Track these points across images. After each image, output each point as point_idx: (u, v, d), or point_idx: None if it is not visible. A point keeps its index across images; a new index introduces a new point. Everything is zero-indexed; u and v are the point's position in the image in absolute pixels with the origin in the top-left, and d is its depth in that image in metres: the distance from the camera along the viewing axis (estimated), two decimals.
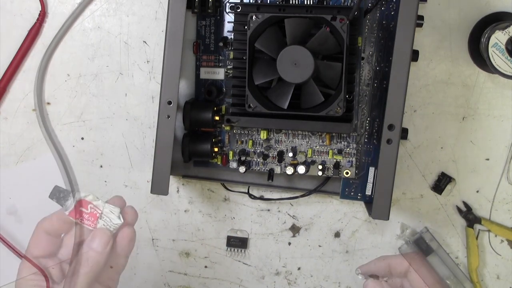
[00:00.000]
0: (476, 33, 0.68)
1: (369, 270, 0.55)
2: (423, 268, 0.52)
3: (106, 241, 0.52)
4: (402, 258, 0.54)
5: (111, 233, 0.54)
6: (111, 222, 0.54)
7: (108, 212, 0.54)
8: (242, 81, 0.62)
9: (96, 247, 0.52)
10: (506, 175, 0.71)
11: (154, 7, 0.71)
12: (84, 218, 0.54)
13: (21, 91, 0.74)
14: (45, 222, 0.55)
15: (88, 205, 0.54)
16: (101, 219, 0.54)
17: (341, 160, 0.67)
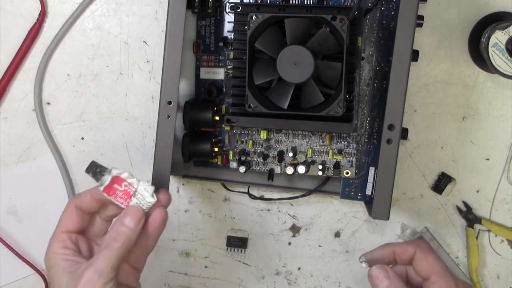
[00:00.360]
0: (476, 33, 0.68)
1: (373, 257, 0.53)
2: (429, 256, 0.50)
3: (138, 218, 0.52)
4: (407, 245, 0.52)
5: (144, 211, 0.53)
6: (144, 200, 0.53)
7: (142, 190, 0.54)
8: (242, 81, 0.62)
9: (128, 223, 0.52)
10: (506, 175, 0.71)
11: (154, 7, 0.71)
12: (118, 196, 0.54)
13: (21, 91, 0.74)
14: (78, 198, 0.55)
15: (123, 182, 0.54)
16: (134, 197, 0.53)
17: (341, 160, 0.67)
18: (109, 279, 0.49)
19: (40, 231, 0.77)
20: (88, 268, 0.49)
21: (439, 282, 0.48)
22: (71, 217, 0.55)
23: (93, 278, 0.49)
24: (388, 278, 0.49)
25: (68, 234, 0.54)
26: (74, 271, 0.51)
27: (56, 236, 0.54)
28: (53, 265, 0.52)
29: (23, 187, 0.76)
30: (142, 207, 0.54)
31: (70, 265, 0.52)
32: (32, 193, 0.76)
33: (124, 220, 0.52)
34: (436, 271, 0.49)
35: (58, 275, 0.51)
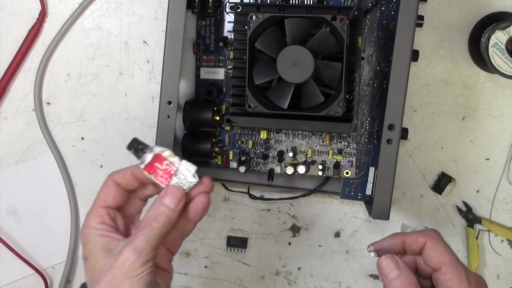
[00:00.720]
0: (476, 33, 0.68)
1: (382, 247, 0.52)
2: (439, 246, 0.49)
3: (179, 198, 0.51)
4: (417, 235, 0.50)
5: (184, 192, 0.52)
6: (185, 180, 0.52)
7: (184, 170, 0.52)
8: (242, 81, 0.62)
9: (168, 203, 0.50)
10: (506, 175, 0.71)
11: (154, 7, 0.71)
12: (158, 174, 0.52)
13: (21, 91, 0.74)
14: (117, 174, 0.53)
15: (164, 161, 0.52)
16: (175, 176, 0.52)
17: (341, 160, 0.67)
18: (148, 259, 0.48)
19: (40, 231, 0.77)
20: (127, 246, 0.48)
21: (450, 273, 0.47)
22: (110, 192, 0.53)
23: (131, 257, 0.47)
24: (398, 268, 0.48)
25: (106, 209, 0.52)
26: (112, 248, 0.49)
27: (94, 211, 0.52)
28: (90, 241, 0.50)
29: (23, 187, 0.76)
30: (183, 187, 0.52)
31: (107, 241, 0.50)
32: (32, 193, 0.76)
33: (164, 200, 0.51)
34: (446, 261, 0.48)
35: (95, 251, 0.49)
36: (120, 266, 0.47)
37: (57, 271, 0.77)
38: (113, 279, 0.47)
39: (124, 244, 0.48)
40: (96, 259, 0.49)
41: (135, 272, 0.47)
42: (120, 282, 0.47)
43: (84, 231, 0.51)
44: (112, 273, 0.47)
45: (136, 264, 0.47)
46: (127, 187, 0.54)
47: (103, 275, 0.47)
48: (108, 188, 0.53)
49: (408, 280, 0.48)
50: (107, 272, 0.47)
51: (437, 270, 0.48)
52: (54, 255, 0.77)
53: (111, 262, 0.47)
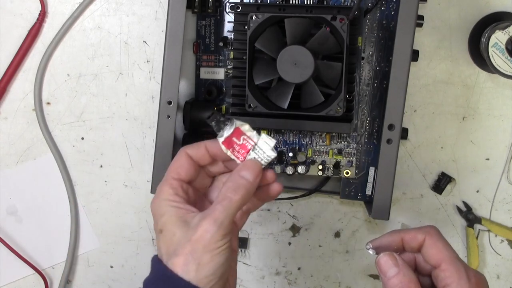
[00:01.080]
0: (476, 33, 0.68)
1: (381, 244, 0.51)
2: (439, 243, 0.48)
3: (257, 173, 0.49)
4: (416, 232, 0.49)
5: (262, 166, 0.50)
6: (264, 154, 0.50)
7: (262, 144, 0.50)
8: (242, 81, 0.62)
9: (246, 176, 0.49)
10: (506, 175, 0.71)
11: (154, 7, 0.71)
12: (235, 150, 0.50)
13: (21, 91, 0.74)
14: (191, 148, 0.52)
15: (241, 136, 0.50)
16: (253, 151, 0.50)
17: (341, 160, 0.67)
18: (228, 232, 0.46)
19: (40, 231, 0.77)
20: (206, 218, 0.46)
21: (449, 270, 0.47)
22: (183, 165, 0.51)
23: (211, 229, 0.45)
24: (397, 265, 0.48)
25: (179, 181, 0.51)
26: (188, 221, 0.47)
27: (167, 183, 0.50)
28: (164, 213, 0.48)
29: (23, 187, 0.76)
30: (260, 161, 0.50)
31: (183, 213, 0.48)
32: (32, 193, 0.76)
33: (243, 173, 0.49)
34: (446, 258, 0.47)
35: (172, 223, 0.47)
36: (200, 239, 0.45)
37: (57, 271, 0.77)
38: (193, 252, 0.45)
39: (202, 216, 0.46)
40: (172, 231, 0.47)
41: (215, 245, 0.45)
42: (200, 255, 0.45)
43: (156, 203, 0.50)
44: (191, 246, 0.45)
45: (216, 236, 0.45)
46: (199, 161, 0.52)
47: (181, 248, 0.46)
48: (181, 161, 0.51)
49: (407, 278, 0.47)
50: (185, 244, 0.46)
51: (437, 267, 0.48)
52: (54, 255, 0.77)
53: (189, 235, 0.46)
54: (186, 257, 0.45)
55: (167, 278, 0.46)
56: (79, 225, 0.76)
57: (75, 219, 0.76)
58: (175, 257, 0.46)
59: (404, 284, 0.47)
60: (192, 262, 0.45)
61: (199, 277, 0.45)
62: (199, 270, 0.45)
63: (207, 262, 0.45)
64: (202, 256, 0.45)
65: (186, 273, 0.45)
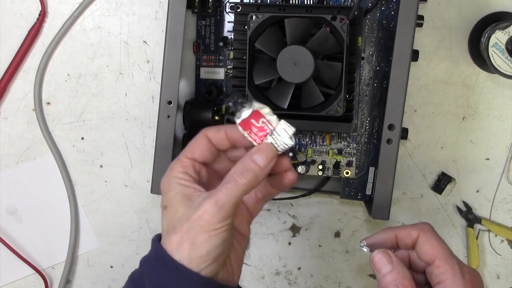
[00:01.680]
0: (476, 33, 0.68)
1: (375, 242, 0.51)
2: (432, 239, 0.48)
3: (270, 158, 0.47)
4: (410, 229, 0.49)
5: (277, 153, 0.49)
6: (281, 141, 0.48)
7: (281, 130, 0.48)
8: (242, 81, 0.62)
9: (258, 160, 0.47)
10: (506, 175, 0.71)
11: (154, 7, 0.71)
12: (252, 132, 0.49)
13: (21, 91, 0.74)
14: (211, 131, 0.51)
15: (260, 118, 0.49)
16: (270, 135, 0.48)
17: (341, 160, 0.67)
18: (228, 215, 0.45)
19: (40, 231, 0.77)
20: (209, 199, 0.45)
21: (444, 266, 0.47)
22: (200, 146, 0.50)
23: (212, 210, 0.45)
24: (391, 262, 0.47)
25: (192, 161, 0.50)
26: (192, 199, 0.47)
27: (179, 161, 0.50)
28: (171, 189, 0.48)
29: (23, 187, 0.76)
30: (277, 147, 0.48)
31: (189, 191, 0.48)
32: (32, 193, 0.76)
33: (255, 156, 0.47)
34: (440, 255, 0.47)
35: (176, 201, 0.47)
36: (198, 218, 0.45)
37: (57, 271, 0.77)
38: (189, 230, 0.45)
39: (206, 196, 0.46)
40: (175, 208, 0.47)
41: (213, 227, 0.45)
42: (196, 234, 0.45)
43: (165, 180, 0.49)
44: (189, 224, 0.45)
45: (215, 218, 0.45)
46: (217, 145, 0.51)
47: (180, 225, 0.46)
48: (198, 141, 0.50)
49: (402, 275, 0.47)
50: (184, 222, 0.46)
51: (431, 264, 0.48)
52: (54, 255, 0.77)
53: (190, 213, 0.46)
54: (182, 234, 0.45)
55: (160, 258, 0.46)
56: (79, 225, 0.76)
57: (75, 219, 0.76)
58: (173, 234, 0.46)
59: (398, 281, 0.47)
60: (187, 240, 0.45)
61: (192, 256, 0.45)
62: (193, 249, 0.45)
63: (202, 242, 0.45)
64: (198, 235, 0.45)
65: (180, 251, 0.45)
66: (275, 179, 0.51)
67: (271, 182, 0.52)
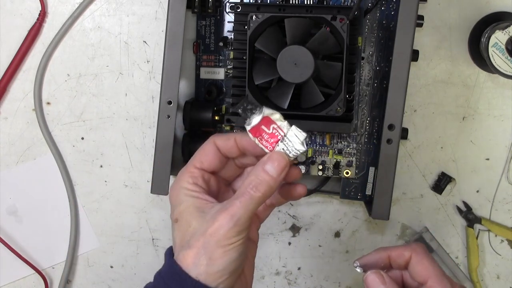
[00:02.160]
0: (476, 33, 0.68)
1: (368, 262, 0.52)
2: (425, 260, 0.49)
3: (282, 168, 0.47)
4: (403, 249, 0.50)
5: (289, 160, 0.48)
6: (292, 147, 0.47)
7: (292, 136, 0.47)
8: (242, 81, 0.62)
9: (271, 171, 0.46)
10: (506, 175, 0.71)
11: (154, 7, 0.71)
12: (263, 138, 0.48)
13: (21, 91, 0.74)
14: (220, 139, 0.50)
15: (271, 125, 0.48)
16: (282, 142, 0.47)
17: (341, 160, 0.67)
18: (244, 228, 0.45)
19: (40, 231, 0.77)
20: (223, 213, 0.45)
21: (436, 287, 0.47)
22: (209, 155, 0.50)
23: (227, 224, 0.44)
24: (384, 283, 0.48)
25: (201, 171, 0.49)
26: (205, 211, 0.46)
27: (188, 171, 0.49)
28: (182, 201, 0.48)
29: (23, 187, 0.76)
30: (289, 154, 0.47)
31: (201, 203, 0.47)
32: (32, 193, 0.76)
33: (267, 167, 0.46)
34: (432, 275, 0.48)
35: (189, 214, 0.47)
36: (214, 233, 0.44)
37: (57, 271, 0.77)
38: (205, 246, 0.44)
39: (220, 209, 0.45)
40: (188, 222, 0.46)
41: (230, 241, 0.44)
42: (213, 249, 0.44)
43: (174, 191, 0.49)
44: (205, 239, 0.44)
45: (231, 232, 0.44)
46: (226, 153, 0.50)
47: (195, 240, 0.45)
48: (207, 150, 0.50)
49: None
50: (199, 237, 0.45)
51: (424, 284, 0.48)
52: (54, 255, 0.77)
53: (204, 227, 0.45)
54: (198, 250, 0.45)
55: (175, 274, 0.45)
56: (79, 225, 0.76)
57: (75, 219, 0.76)
58: (188, 249, 0.45)
59: None
60: (203, 255, 0.44)
61: (210, 272, 0.44)
62: (210, 264, 0.44)
63: (219, 257, 0.45)
64: (214, 250, 0.44)
65: (197, 267, 0.45)
66: (285, 190, 0.51)
67: (280, 191, 0.52)
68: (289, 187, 0.51)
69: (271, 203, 0.53)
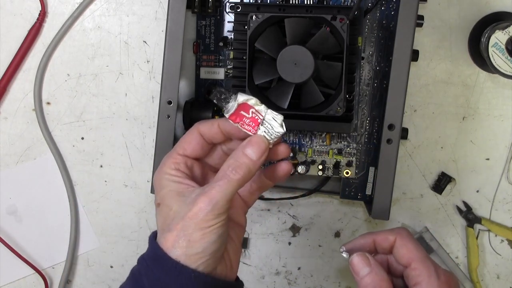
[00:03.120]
0: (476, 33, 0.68)
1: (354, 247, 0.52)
2: (409, 243, 0.49)
3: (262, 150, 0.48)
4: (387, 233, 0.50)
5: (269, 143, 0.49)
6: (272, 130, 0.49)
7: (270, 119, 0.49)
8: (242, 81, 0.62)
9: (250, 154, 0.47)
10: (506, 175, 0.71)
11: (154, 7, 0.71)
12: (245, 123, 0.49)
13: (21, 91, 0.74)
14: (204, 125, 0.51)
15: (250, 109, 0.49)
16: (262, 125, 0.49)
17: (341, 160, 0.67)
18: (223, 211, 0.46)
19: (40, 231, 0.77)
20: (202, 196, 0.46)
21: (419, 268, 0.48)
22: (192, 142, 0.50)
23: (206, 208, 0.45)
24: (369, 265, 0.49)
25: (184, 157, 0.50)
26: (186, 195, 0.47)
27: (171, 157, 0.50)
28: (164, 186, 0.49)
29: (23, 187, 0.76)
30: (270, 136, 0.49)
31: (182, 188, 0.48)
32: (32, 193, 0.76)
33: (247, 150, 0.47)
34: (416, 257, 0.48)
35: (170, 198, 0.48)
36: (193, 216, 0.45)
37: (57, 271, 0.77)
38: (184, 229, 0.45)
39: (199, 193, 0.46)
40: (169, 206, 0.47)
41: (208, 224, 0.45)
42: (191, 232, 0.45)
43: (157, 177, 0.50)
44: (184, 222, 0.45)
45: (209, 215, 0.45)
46: (211, 139, 0.51)
47: (175, 223, 0.46)
48: (191, 137, 0.51)
49: (379, 277, 0.48)
50: (179, 220, 0.46)
51: (407, 267, 0.49)
52: (54, 255, 0.77)
53: (184, 211, 0.46)
54: (178, 232, 0.45)
55: (157, 257, 0.46)
56: (79, 225, 0.76)
57: (75, 219, 0.76)
58: (168, 232, 0.46)
59: (376, 283, 0.48)
60: (183, 238, 0.45)
61: (189, 253, 0.45)
62: (189, 246, 0.45)
63: (198, 240, 0.45)
64: (193, 233, 0.45)
65: (176, 249, 0.45)
66: (269, 171, 0.52)
67: (265, 173, 0.52)
68: (274, 166, 0.52)
69: (257, 187, 0.53)
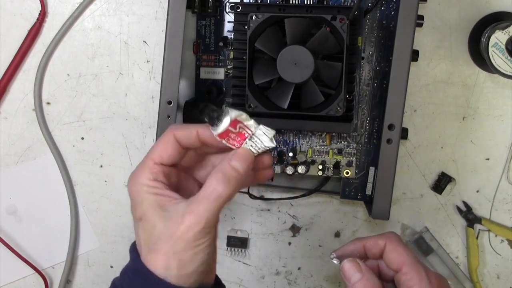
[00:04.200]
0: (476, 33, 0.68)
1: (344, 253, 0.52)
2: (399, 247, 0.49)
3: (249, 163, 0.46)
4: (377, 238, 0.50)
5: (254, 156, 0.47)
6: (261, 144, 0.47)
7: (260, 134, 0.47)
8: (242, 81, 0.62)
9: (238, 167, 0.46)
10: (506, 175, 0.71)
11: (154, 7, 0.71)
12: (230, 138, 0.47)
13: (21, 91, 0.74)
14: (181, 131, 0.48)
15: (238, 124, 0.47)
16: (249, 140, 0.47)
17: (341, 160, 0.67)
18: (212, 225, 0.44)
19: (40, 231, 0.77)
20: (190, 214, 0.44)
21: (410, 273, 0.47)
22: (168, 150, 0.47)
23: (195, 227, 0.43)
24: (360, 271, 0.48)
25: (161, 166, 0.47)
26: (169, 210, 0.45)
27: (146, 166, 0.47)
28: (144, 199, 0.46)
29: (23, 187, 0.76)
30: (258, 150, 0.47)
31: (164, 201, 0.45)
32: (32, 193, 0.76)
33: (234, 163, 0.46)
34: (406, 262, 0.48)
35: (152, 213, 0.45)
36: (182, 236, 0.43)
37: (57, 271, 0.77)
38: (175, 249, 0.44)
39: (186, 209, 0.44)
40: (152, 222, 0.45)
41: (198, 242, 0.44)
42: (182, 252, 0.44)
43: (134, 188, 0.47)
44: (173, 242, 0.44)
45: (200, 234, 0.44)
46: (187, 145, 0.48)
47: (163, 243, 0.44)
48: (166, 143, 0.48)
49: (371, 282, 0.48)
50: (167, 239, 0.44)
51: (398, 271, 0.48)
52: (54, 255, 0.77)
53: (172, 229, 0.44)
54: (167, 254, 0.44)
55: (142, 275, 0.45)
56: (79, 225, 0.76)
57: (75, 219, 0.76)
58: (155, 253, 0.44)
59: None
60: (173, 259, 0.44)
61: (181, 273, 0.44)
62: (181, 267, 0.44)
63: (190, 260, 0.44)
64: (184, 253, 0.44)
65: (168, 270, 0.44)
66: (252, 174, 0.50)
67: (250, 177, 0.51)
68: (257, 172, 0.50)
69: None
